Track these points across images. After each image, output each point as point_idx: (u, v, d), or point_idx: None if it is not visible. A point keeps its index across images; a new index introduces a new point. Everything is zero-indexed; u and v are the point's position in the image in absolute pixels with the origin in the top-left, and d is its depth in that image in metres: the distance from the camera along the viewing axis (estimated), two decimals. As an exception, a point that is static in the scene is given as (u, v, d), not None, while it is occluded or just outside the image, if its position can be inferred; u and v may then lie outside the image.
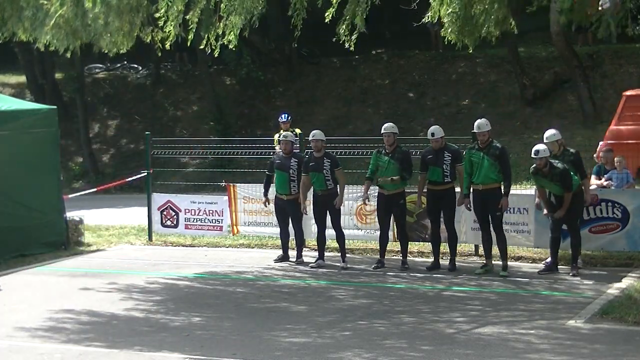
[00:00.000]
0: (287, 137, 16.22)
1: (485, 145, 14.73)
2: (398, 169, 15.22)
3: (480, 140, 14.76)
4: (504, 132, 27.71)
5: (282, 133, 18.98)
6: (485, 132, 14.71)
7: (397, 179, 15.20)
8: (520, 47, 30.27)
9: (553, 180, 14.38)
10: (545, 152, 14.39)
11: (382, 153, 15.39)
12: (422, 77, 32.44)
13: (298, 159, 15.97)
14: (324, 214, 15.78)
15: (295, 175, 15.89)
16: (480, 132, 14.73)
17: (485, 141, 14.73)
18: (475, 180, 14.77)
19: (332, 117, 31.69)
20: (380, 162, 15.37)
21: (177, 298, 13.94)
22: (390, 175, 15.23)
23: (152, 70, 36.24)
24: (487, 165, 14.63)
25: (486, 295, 13.66)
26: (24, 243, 17.30)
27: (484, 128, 14.72)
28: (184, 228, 18.70)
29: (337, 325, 12.03)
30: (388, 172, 15.28)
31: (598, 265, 15.51)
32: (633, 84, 28.79)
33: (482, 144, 14.74)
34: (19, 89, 35.86)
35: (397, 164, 15.22)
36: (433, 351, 10.71)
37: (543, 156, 14.33)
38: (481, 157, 14.68)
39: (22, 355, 10.95)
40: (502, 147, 14.83)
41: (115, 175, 30.33)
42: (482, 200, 14.76)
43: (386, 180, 15.30)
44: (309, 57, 34.39)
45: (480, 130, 14.73)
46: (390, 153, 15.29)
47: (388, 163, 15.27)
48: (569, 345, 10.87)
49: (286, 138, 16.17)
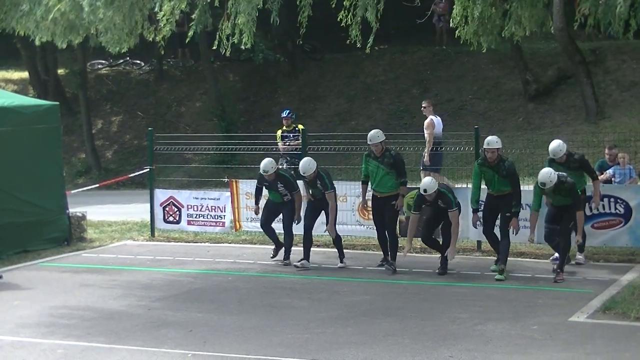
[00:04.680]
0: (268, 172, 15.83)
1: (495, 162, 14.50)
2: (388, 172, 15.11)
3: (489, 157, 14.48)
4: (507, 128, 27.69)
5: (283, 128, 19.07)
6: (494, 149, 14.42)
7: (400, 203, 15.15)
8: (523, 43, 30.23)
9: (562, 194, 14.16)
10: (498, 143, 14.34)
11: (372, 157, 15.29)
12: (425, 73, 32.39)
13: (284, 182, 15.78)
14: (314, 215, 15.74)
15: (286, 192, 15.81)
16: (489, 148, 14.44)
17: (494, 159, 14.47)
18: (490, 190, 14.77)
19: (335, 113, 31.67)
20: (371, 167, 15.30)
21: (179, 294, 13.95)
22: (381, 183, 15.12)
23: (154, 66, 36.21)
24: (498, 180, 14.55)
25: (488, 292, 13.66)
26: (26, 239, 17.31)
27: (493, 145, 14.43)
28: (187, 224, 18.71)
29: (340, 321, 12.04)
30: (378, 176, 15.18)
31: (600, 261, 15.52)
32: (636, 79, 28.79)
33: (490, 161, 14.49)
34: (21, 85, 35.84)
35: (387, 168, 15.11)
36: (435, 347, 10.71)
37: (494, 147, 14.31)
38: (492, 175, 14.56)
39: (25, 351, 10.96)
40: (510, 167, 14.52)
41: (118, 171, 30.34)
42: (496, 203, 14.69)
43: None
44: (312, 53, 34.35)
45: (489, 146, 14.44)
46: (379, 157, 15.20)
47: (377, 168, 15.18)
48: (572, 341, 10.88)
49: (267, 173, 15.80)
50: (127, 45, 18.75)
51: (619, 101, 28.08)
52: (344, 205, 16.85)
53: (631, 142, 20.25)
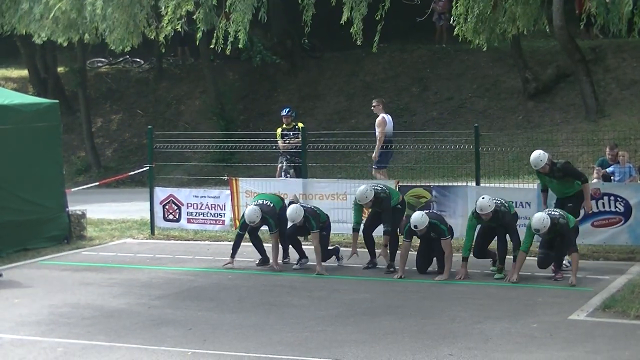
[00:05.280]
0: (255, 222, 15.41)
1: (489, 220, 14.24)
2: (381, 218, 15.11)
3: (484, 218, 14.18)
4: (506, 127, 27.70)
5: (283, 126, 19.08)
6: (489, 213, 14.11)
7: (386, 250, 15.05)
8: (522, 41, 30.24)
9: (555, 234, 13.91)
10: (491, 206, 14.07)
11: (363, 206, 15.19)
12: (425, 71, 32.39)
13: (268, 224, 15.52)
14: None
15: (273, 227, 15.41)
16: (482, 213, 14.10)
17: (488, 219, 14.18)
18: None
19: (335, 111, 31.67)
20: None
21: (179, 292, 13.96)
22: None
23: (154, 65, 36.20)
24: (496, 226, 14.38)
25: (488, 290, 13.66)
26: (26, 237, 17.30)
27: (486, 210, 14.08)
28: (186, 222, 18.71)
29: (340, 319, 12.04)
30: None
31: (600, 259, 15.52)
32: (636, 78, 28.77)
33: (486, 220, 14.23)
34: (21, 83, 35.81)
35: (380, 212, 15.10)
36: (435, 345, 10.71)
37: (489, 211, 14.07)
38: (487, 225, 14.38)
39: (24, 349, 10.96)
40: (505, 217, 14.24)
41: (118, 169, 30.34)
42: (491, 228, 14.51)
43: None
44: (312, 51, 34.33)
45: (482, 212, 14.09)
46: (371, 207, 15.12)
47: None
48: (571, 339, 10.88)
49: (253, 223, 15.46)
50: (130, 44, 18.79)
51: (618, 99, 28.07)
52: (343, 204, 16.88)
53: (631, 140, 20.27)
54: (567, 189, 14.60)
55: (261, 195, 16.16)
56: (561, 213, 13.91)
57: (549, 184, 14.74)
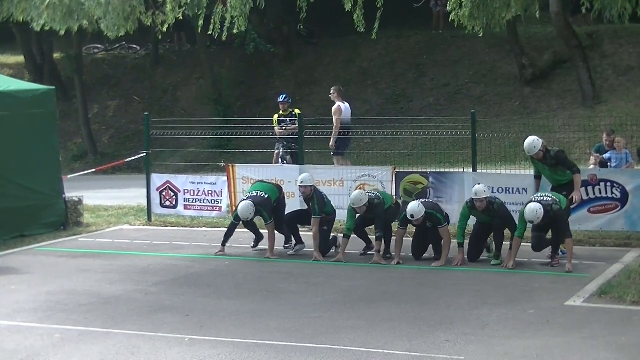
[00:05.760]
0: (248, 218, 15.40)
1: (484, 208, 14.26)
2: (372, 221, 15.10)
3: (478, 206, 14.23)
4: (503, 113, 27.71)
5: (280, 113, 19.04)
6: (482, 199, 14.15)
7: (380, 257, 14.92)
8: (519, 27, 30.21)
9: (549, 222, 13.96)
10: (486, 192, 14.15)
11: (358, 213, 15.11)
12: (421, 57, 32.37)
13: (262, 216, 15.39)
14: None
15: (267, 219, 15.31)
16: (477, 198, 14.17)
17: (483, 207, 14.22)
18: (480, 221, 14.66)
19: (331, 97, 31.64)
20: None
21: (176, 279, 13.96)
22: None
23: (151, 51, 36.15)
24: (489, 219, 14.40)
25: (485, 276, 13.67)
26: (23, 224, 17.31)
27: (481, 195, 14.13)
28: (183, 209, 18.70)
29: (337, 306, 12.05)
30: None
31: (597, 245, 15.54)
32: (633, 64, 28.78)
33: (480, 209, 14.28)
34: (17, 70, 35.76)
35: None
36: (432, 332, 10.72)
37: (483, 197, 14.11)
38: (481, 216, 14.38)
39: (21, 336, 10.97)
40: (500, 209, 14.29)
41: (115, 156, 30.31)
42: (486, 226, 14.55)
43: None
44: (308, 37, 34.29)
45: (477, 196, 14.16)
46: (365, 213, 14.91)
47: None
48: (568, 325, 10.90)
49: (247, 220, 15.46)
50: (124, 30, 18.72)
51: (615, 86, 28.09)
52: (340, 190, 16.89)
53: (627, 126, 20.25)
54: (560, 177, 14.61)
55: (256, 186, 15.97)
56: (553, 198, 13.88)
57: (542, 171, 14.76)
